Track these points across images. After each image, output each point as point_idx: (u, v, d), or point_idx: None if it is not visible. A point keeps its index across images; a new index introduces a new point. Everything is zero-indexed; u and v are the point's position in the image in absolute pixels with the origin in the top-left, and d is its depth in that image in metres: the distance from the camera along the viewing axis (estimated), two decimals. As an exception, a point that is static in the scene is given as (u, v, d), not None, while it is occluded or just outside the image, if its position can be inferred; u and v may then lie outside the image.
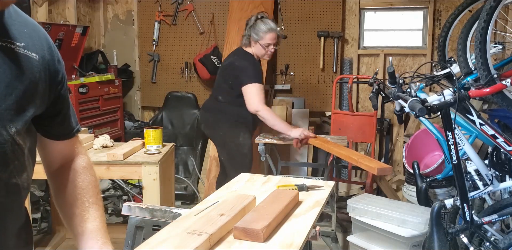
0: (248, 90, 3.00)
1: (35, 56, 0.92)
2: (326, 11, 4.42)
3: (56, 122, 1.04)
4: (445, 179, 2.79)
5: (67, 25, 4.10)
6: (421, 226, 2.53)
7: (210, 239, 1.16)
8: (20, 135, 0.89)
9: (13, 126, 0.86)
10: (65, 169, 1.12)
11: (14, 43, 0.88)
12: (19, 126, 0.88)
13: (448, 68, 2.49)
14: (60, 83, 1.01)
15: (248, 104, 3.00)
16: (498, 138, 2.22)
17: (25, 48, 0.90)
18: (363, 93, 4.55)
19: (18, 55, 0.88)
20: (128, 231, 1.59)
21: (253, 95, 2.99)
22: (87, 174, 1.13)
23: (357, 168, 4.38)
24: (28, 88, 0.89)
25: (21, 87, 0.87)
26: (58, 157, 1.11)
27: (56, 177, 1.12)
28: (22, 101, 0.88)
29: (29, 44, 0.91)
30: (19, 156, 0.90)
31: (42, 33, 0.98)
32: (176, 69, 4.84)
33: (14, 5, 0.91)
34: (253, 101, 2.98)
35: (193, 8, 4.68)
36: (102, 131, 4.17)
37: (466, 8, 2.64)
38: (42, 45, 0.96)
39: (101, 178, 3.37)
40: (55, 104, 1.01)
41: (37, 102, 0.93)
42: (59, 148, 1.10)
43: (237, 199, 1.43)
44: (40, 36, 0.97)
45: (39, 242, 3.18)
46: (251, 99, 2.99)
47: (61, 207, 1.11)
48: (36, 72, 0.91)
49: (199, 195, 4.22)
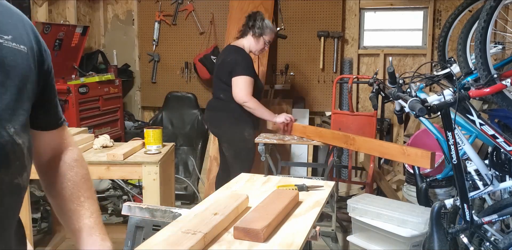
0: (237, 81, 3.07)
1: (24, 48, 0.89)
2: (326, 11, 4.42)
3: (43, 112, 1.02)
4: (445, 179, 2.79)
5: (67, 25, 4.10)
6: (421, 226, 2.53)
7: (205, 238, 1.16)
8: (18, 134, 0.87)
9: (12, 125, 0.85)
10: (55, 162, 1.10)
11: (1, 36, 0.85)
12: (17, 125, 0.87)
13: (448, 68, 2.49)
14: (47, 72, 0.99)
15: (236, 95, 3.07)
16: (498, 138, 2.22)
17: (13, 41, 0.87)
18: (363, 93, 4.55)
19: (7, 50, 0.85)
20: (128, 231, 1.59)
21: (241, 87, 3.06)
22: (79, 167, 1.11)
23: (357, 168, 4.39)
24: (20, 85, 0.87)
25: (14, 84, 0.86)
26: (47, 149, 1.08)
27: (47, 170, 1.10)
28: (17, 99, 0.86)
29: (16, 36, 0.88)
30: (19, 156, 0.89)
31: (27, 22, 0.95)
32: (176, 69, 4.84)
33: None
34: (241, 92, 3.06)
35: (193, 8, 4.68)
36: (102, 131, 4.17)
37: (466, 8, 2.64)
38: (28, 35, 0.93)
39: (101, 178, 3.38)
40: (42, 94, 0.98)
41: (30, 97, 0.91)
42: (48, 139, 1.07)
43: (230, 198, 1.44)
44: (26, 26, 0.93)
45: (39, 242, 3.18)
46: (239, 91, 3.07)
47: (54, 202, 1.10)
48: (26, 65, 0.89)
49: (199, 195, 4.22)
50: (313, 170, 4.35)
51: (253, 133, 3.22)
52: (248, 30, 3.22)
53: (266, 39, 3.22)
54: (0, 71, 0.83)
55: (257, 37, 3.19)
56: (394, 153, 2.63)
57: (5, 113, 0.84)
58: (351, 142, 2.89)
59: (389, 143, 2.90)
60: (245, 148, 3.19)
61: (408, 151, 2.51)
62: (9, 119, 0.84)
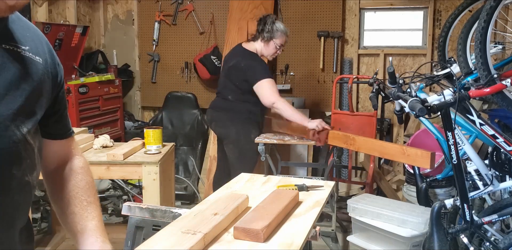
0: (260, 86, 3.02)
1: (39, 59, 0.95)
2: (326, 11, 4.42)
3: (53, 121, 1.07)
4: (445, 179, 2.79)
5: (67, 25, 4.10)
6: (421, 226, 2.53)
7: (205, 238, 1.16)
8: (30, 134, 0.92)
9: (25, 126, 0.90)
10: (61, 169, 1.14)
11: (20, 47, 0.91)
12: (30, 126, 0.91)
13: (448, 68, 2.49)
14: (60, 85, 1.04)
15: (263, 99, 3.03)
16: (498, 138, 2.22)
17: (29, 52, 0.92)
18: (363, 93, 4.55)
19: (25, 59, 0.91)
20: (128, 231, 1.59)
21: (266, 90, 3.02)
22: (84, 174, 1.15)
23: (357, 168, 4.39)
24: (35, 90, 0.92)
25: (29, 88, 0.90)
26: (55, 157, 1.12)
27: (53, 177, 1.14)
28: (31, 103, 0.91)
29: (32, 48, 0.94)
30: (30, 155, 0.94)
31: (42, 37, 1.01)
32: (176, 69, 4.84)
33: None
34: (267, 95, 3.01)
35: (193, 8, 4.68)
36: (102, 131, 4.17)
37: (466, 8, 2.63)
38: (43, 49, 0.98)
39: (101, 178, 3.37)
40: (53, 105, 1.04)
41: (43, 104, 0.96)
42: (56, 148, 1.12)
43: (230, 198, 1.43)
44: (41, 40, 0.99)
45: (39, 242, 3.18)
46: (265, 94, 3.02)
47: (58, 205, 1.12)
48: (41, 74, 0.94)
49: (199, 195, 4.22)
50: (313, 170, 4.35)
51: (258, 135, 3.19)
52: (258, 35, 3.16)
53: (277, 43, 3.13)
54: (18, 76, 0.88)
55: (267, 42, 3.13)
56: (394, 153, 2.63)
57: (20, 115, 0.88)
58: (351, 142, 2.89)
59: (389, 143, 2.90)
60: (251, 150, 3.15)
61: (408, 151, 2.51)
62: (23, 121, 0.90)
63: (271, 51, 3.17)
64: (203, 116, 4.69)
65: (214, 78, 4.45)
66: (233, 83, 3.15)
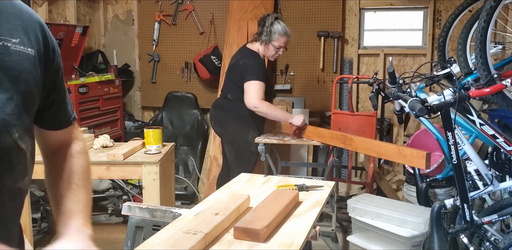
0: (248, 87, 3.03)
1: (31, 51, 0.90)
2: (326, 11, 4.42)
3: (51, 112, 1.03)
4: (445, 179, 2.79)
5: (67, 25, 4.10)
6: (421, 226, 2.53)
7: (206, 238, 1.16)
8: (22, 139, 0.89)
9: (16, 130, 0.86)
10: (60, 153, 1.11)
11: (9, 40, 0.86)
12: (22, 129, 0.88)
13: (448, 68, 2.49)
14: (56, 72, 0.99)
15: (247, 100, 3.04)
16: (498, 138, 2.22)
17: (21, 44, 0.88)
18: (363, 93, 4.55)
19: (15, 54, 0.87)
20: (128, 231, 1.59)
21: (252, 92, 3.02)
22: (80, 158, 1.12)
23: (357, 168, 4.39)
24: (26, 89, 0.88)
25: (20, 90, 0.87)
26: (55, 143, 1.10)
27: (51, 160, 1.11)
28: (23, 104, 0.88)
29: (24, 39, 0.89)
30: (23, 160, 0.91)
31: (36, 22, 0.95)
32: (176, 69, 4.84)
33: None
34: (252, 97, 3.02)
35: (193, 8, 4.68)
36: (102, 131, 4.17)
37: (466, 8, 2.63)
38: (37, 36, 0.93)
39: (101, 178, 3.37)
40: (49, 95, 0.99)
41: (36, 101, 0.92)
42: (56, 136, 1.09)
43: (231, 198, 1.43)
44: (34, 26, 0.94)
45: (39, 242, 3.17)
46: (249, 96, 3.03)
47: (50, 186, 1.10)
48: (33, 69, 0.90)
49: (199, 195, 4.22)
50: (313, 170, 4.35)
51: (257, 135, 3.18)
52: (258, 37, 3.15)
53: (276, 45, 3.09)
54: (7, 77, 0.84)
55: (266, 44, 3.11)
56: (391, 153, 2.62)
57: (11, 118, 0.85)
58: (349, 142, 2.89)
59: (386, 143, 2.90)
60: (248, 150, 3.15)
61: (404, 151, 2.50)
62: (14, 124, 0.86)
63: (271, 53, 3.17)
64: (203, 116, 4.70)
65: (214, 78, 4.45)
66: (233, 82, 3.16)
